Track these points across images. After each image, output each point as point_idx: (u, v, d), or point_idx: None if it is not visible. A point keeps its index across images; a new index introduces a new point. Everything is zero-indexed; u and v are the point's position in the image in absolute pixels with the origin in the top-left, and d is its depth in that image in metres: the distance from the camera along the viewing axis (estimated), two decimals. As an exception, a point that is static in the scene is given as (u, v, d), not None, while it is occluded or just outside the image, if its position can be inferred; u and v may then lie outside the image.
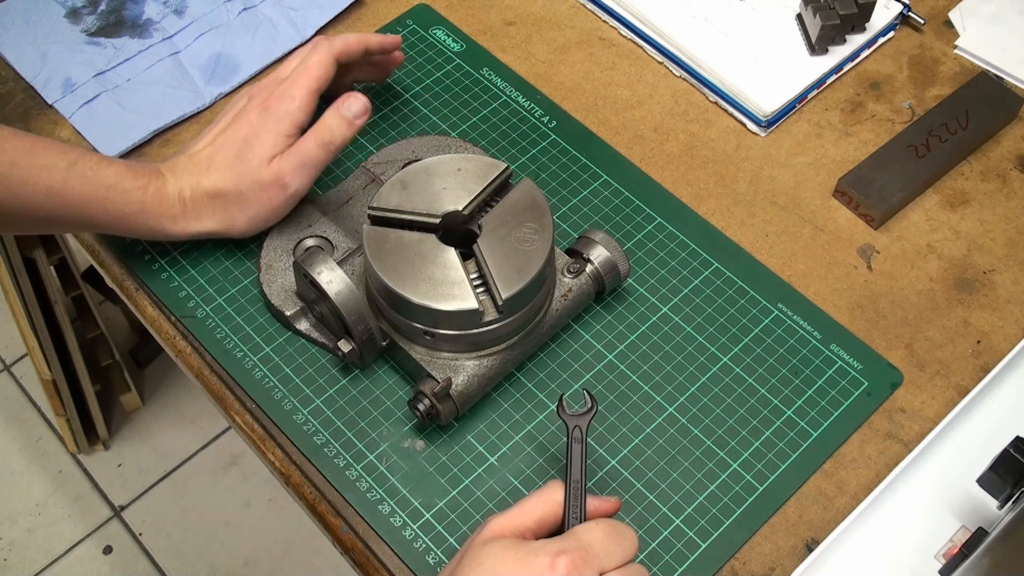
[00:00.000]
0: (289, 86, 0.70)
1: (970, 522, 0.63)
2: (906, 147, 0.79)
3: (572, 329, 0.72)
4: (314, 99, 0.70)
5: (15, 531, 1.54)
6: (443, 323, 0.63)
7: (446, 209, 0.65)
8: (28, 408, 1.67)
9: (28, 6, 0.86)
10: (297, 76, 0.70)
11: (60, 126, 0.80)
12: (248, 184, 0.68)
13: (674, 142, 0.82)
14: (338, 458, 0.66)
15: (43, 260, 1.29)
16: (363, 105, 0.70)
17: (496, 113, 0.82)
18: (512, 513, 0.55)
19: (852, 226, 0.77)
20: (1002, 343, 0.72)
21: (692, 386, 0.69)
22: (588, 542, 0.52)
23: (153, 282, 0.73)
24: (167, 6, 0.87)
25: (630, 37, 0.88)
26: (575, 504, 0.56)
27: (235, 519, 1.57)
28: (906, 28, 0.89)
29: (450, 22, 0.88)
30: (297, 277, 0.68)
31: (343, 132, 0.70)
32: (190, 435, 1.64)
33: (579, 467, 0.57)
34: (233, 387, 0.69)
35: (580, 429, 0.59)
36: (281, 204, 0.70)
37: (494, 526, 0.54)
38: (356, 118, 0.70)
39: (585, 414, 0.59)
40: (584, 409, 0.59)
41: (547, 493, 0.56)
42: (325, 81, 0.71)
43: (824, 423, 0.68)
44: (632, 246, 0.75)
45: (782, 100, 0.81)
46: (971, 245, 0.77)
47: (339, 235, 0.72)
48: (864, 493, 0.65)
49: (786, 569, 0.62)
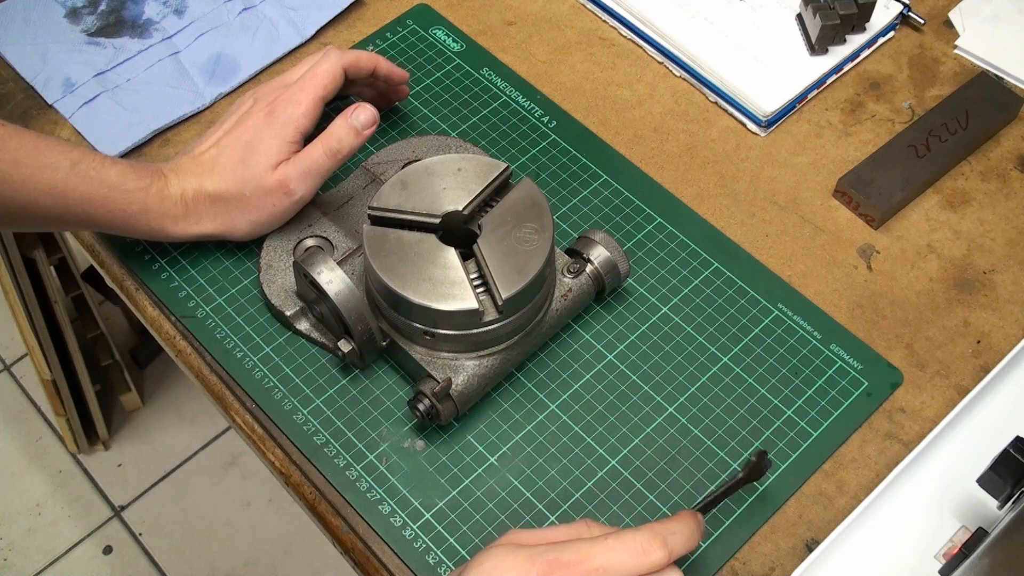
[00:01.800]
0: (296, 91, 0.70)
1: (970, 522, 0.63)
2: (906, 147, 0.79)
3: (572, 329, 0.72)
4: (319, 106, 0.70)
5: (15, 531, 1.54)
6: (443, 323, 0.63)
7: (446, 209, 0.65)
8: (28, 408, 1.67)
9: (28, 6, 0.86)
10: (305, 82, 0.70)
11: (60, 126, 0.80)
12: (251, 189, 0.68)
13: (674, 142, 0.82)
14: (338, 458, 0.66)
15: (43, 260, 1.29)
16: (372, 116, 0.70)
17: (496, 113, 0.82)
18: (534, 530, 0.55)
19: (852, 226, 0.77)
20: (1002, 343, 0.72)
21: (692, 386, 0.69)
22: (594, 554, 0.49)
23: (153, 282, 0.73)
24: (167, 6, 0.87)
25: (630, 37, 0.88)
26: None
27: (235, 519, 1.57)
28: (906, 28, 0.89)
29: (450, 22, 0.88)
30: (297, 277, 0.68)
31: (351, 141, 0.69)
32: (190, 435, 1.64)
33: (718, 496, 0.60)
34: (233, 387, 0.69)
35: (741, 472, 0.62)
36: (284, 210, 0.70)
37: (510, 534, 0.54)
38: (364, 128, 0.70)
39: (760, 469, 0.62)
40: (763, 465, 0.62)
41: (578, 523, 0.54)
42: (332, 90, 0.71)
43: (824, 423, 0.68)
44: (632, 246, 0.75)
45: (782, 100, 0.81)
46: (971, 245, 0.77)
47: (339, 235, 0.72)
48: (864, 493, 0.65)
49: (786, 569, 0.62)
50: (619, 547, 0.50)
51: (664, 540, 0.50)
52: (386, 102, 0.81)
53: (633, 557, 0.49)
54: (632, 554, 0.50)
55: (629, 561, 0.49)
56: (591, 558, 0.49)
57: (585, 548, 0.50)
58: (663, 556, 0.50)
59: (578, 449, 0.67)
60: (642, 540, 0.50)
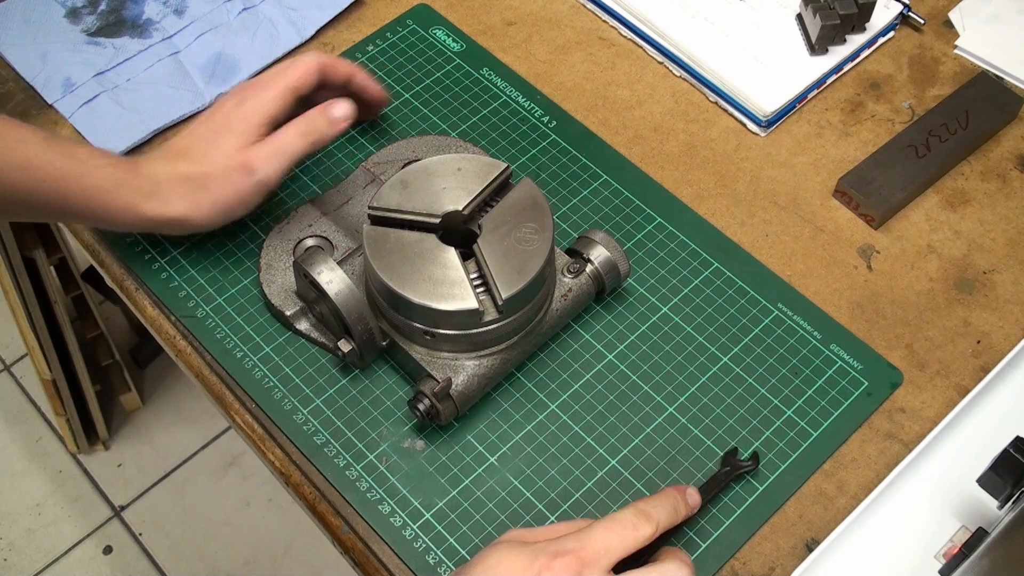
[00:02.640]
0: (267, 79, 0.70)
1: (970, 522, 0.63)
2: (906, 147, 0.79)
3: (572, 329, 0.72)
4: (290, 97, 0.70)
5: (15, 531, 1.54)
6: (443, 323, 0.63)
7: (446, 209, 0.65)
8: (28, 408, 1.67)
9: (28, 6, 0.86)
10: (277, 72, 0.71)
11: (60, 126, 0.80)
12: (216, 168, 0.68)
13: (674, 142, 0.82)
14: (338, 458, 0.66)
15: (43, 260, 1.29)
16: (348, 109, 0.70)
17: (496, 113, 0.82)
18: (536, 528, 0.57)
19: (852, 226, 0.77)
20: (1002, 343, 0.72)
21: (692, 386, 0.69)
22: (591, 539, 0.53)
23: (153, 282, 0.73)
24: (167, 6, 0.87)
25: (630, 37, 0.88)
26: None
27: (235, 519, 1.57)
28: (906, 28, 0.89)
29: (450, 22, 0.88)
30: (297, 277, 0.68)
31: (323, 128, 0.70)
32: (190, 435, 1.64)
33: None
34: (233, 387, 0.69)
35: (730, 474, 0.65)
36: (248, 190, 0.68)
37: (513, 532, 0.56)
38: (339, 120, 0.70)
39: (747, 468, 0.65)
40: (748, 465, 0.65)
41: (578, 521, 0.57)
42: (305, 84, 0.71)
43: (824, 423, 0.68)
44: (632, 246, 0.75)
45: (782, 100, 0.81)
46: (971, 245, 0.77)
47: (339, 235, 0.72)
48: (864, 493, 0.65)
49: (786, 569, 0.62)
50: (611, 527, 0.54)
51: (648, 514, 0.55)
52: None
53: (624, 534, 0.54)
54: (623, 531, 0.54)
55: (621, 539, 0.54)
56: (588, 544, 0.53)
57: (582, 537, 0.54)
58: (651, 528, 0.55)
59: (578, 449, 0.67)
60: (630, 517, 0.55)
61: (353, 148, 0.80)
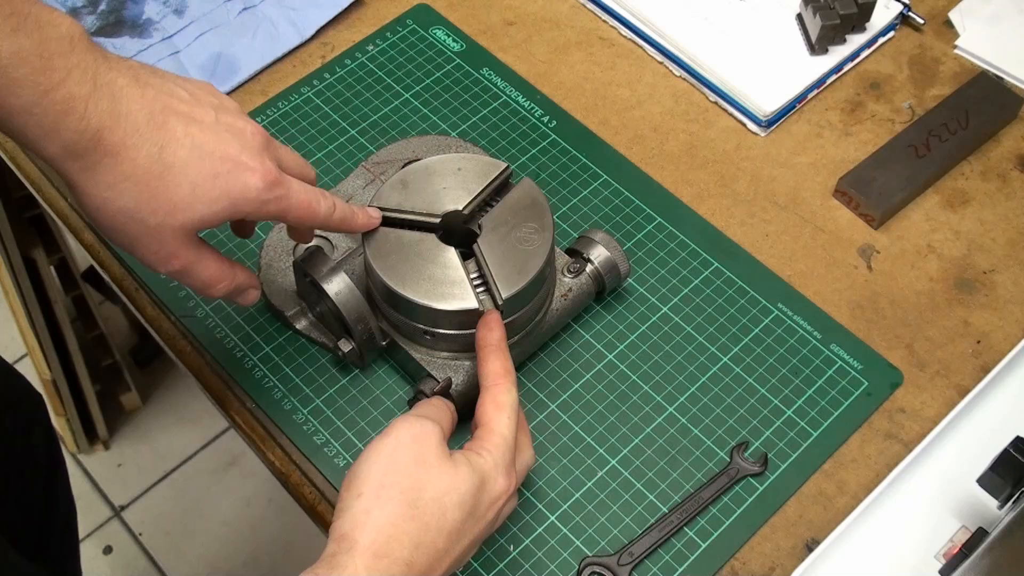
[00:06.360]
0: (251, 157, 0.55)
1: (970, 522, 0.63)
2: (906, 147, 0.79)
3: (572, 329, 0.72)
4: (230, 212, 0.55)
5: (15, 531, 1.54)
6: (443, 323, 0.63)
7: (446, 209, 0.65)
8: (28, 408, 1.66)
9: (28, 6, 0.86)
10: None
11: (60, 126, 0.80)
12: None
13: (674, 142, 0.82)
14: (338, 458, 0.66)
15: (43, 260, 1.29)
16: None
17: (496, 113, 0.82)
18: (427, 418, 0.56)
19: (852, 226, 0.77)
20: (1002, 343, 0.72)
21: (692, 386, 0.69)
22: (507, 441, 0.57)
23: (153, 282, 0.73)
24: (167, 6, 0.87)
25: (630, 37, 0.88)
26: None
27: (235, 519, 1.57)
28: (906, 28, 0.89)
29: (450, 22, 0.88)
30: (297, 277, 0.68)
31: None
32: (190, 435, 1.64)
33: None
34: (233, 387, 0.69)
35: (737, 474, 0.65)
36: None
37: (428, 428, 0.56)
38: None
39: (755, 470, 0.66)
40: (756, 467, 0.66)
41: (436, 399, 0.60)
42: (251, 211, 0.55)
43: (824, 423, 0.68)
44: (632, 246, 0.75)
45: (782, 100, 0.81)
46: (971, 245, 0.77)
47: (339, 235, 0.72)
48: (864, 493, 0.65)
49: (786, 569, 0.62)
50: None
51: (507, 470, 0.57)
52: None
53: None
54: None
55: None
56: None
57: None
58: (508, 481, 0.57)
59: (578, 449, 0.67)
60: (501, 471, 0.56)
61: (353, 148, 0.80)
